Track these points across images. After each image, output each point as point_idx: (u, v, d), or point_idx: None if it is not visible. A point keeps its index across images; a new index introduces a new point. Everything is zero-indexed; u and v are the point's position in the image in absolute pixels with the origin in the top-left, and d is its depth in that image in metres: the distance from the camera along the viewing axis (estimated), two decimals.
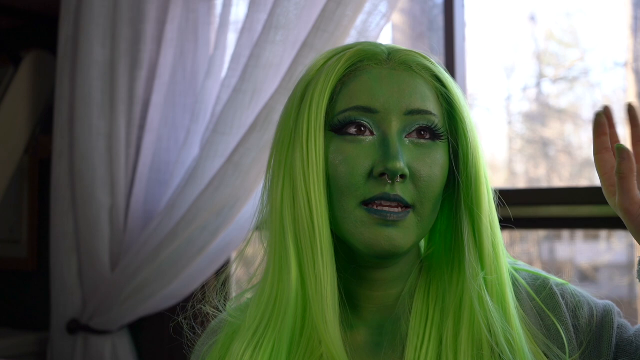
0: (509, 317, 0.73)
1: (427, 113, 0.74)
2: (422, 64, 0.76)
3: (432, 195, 0.73)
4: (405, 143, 0.73)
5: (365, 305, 0.79)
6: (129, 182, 1.71)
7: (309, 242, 0.73)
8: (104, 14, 1.72)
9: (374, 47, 0.77)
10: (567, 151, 2.16)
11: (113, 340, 1.74)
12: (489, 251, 0.74)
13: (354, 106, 0.73)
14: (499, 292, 0.74)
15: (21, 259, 2.13)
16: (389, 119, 0.73)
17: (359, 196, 0.72)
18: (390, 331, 0.78)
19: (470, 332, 0.73)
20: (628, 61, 1.79)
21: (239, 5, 1.70)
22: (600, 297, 0.84)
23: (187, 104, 1.75)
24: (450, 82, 0.77)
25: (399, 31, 1.97)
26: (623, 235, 2.26)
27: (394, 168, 0.70)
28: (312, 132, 0.73)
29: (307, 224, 0.73)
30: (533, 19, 2.05)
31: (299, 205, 0.73)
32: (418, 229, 0.73)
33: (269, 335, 0.75)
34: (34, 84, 2.06)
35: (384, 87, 0.74)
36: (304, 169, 0.73)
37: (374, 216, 0.71)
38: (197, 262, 1.59)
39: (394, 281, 0.78)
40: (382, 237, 0.71)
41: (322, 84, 0.75)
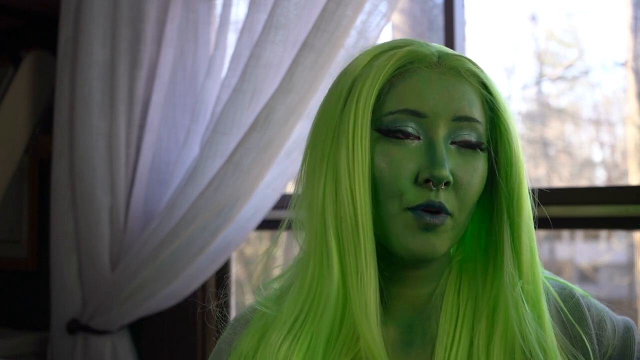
0: (544, 325, 0.74)
1: (473, 120, 0.74)
2: (470, 70, 0.76)
3: (470, 204, 0.74)
4: (450, 149, 0.73)
5: (395, 303, 0.79)
6: (129, 182, 1.71)
7: (352, 241, 0.73)
8: (104, 14, 1.72)
9: (424, 48, 0.76)
10: (567, 151, 2.16)
11: (113, 340, 1.74)
12: (527, 260, 0.75)
13: (402, 108, 0.73)
14: (534, 300, 0.75)
15: (21, 259, 2.13)
16: (436, 124, 0.73)
17: (404, 202, 0.72)
18: (420, 330, 0.78)
19: (503, 337, 0.73)
20: (628, 61, 1.79)
21: (239, 5, 1.70)
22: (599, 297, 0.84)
23: (187, 104, 1.75)
24: (497, 90, 0.77)
25: (399, 31, 1.97)
26: (623, 235, 2.26)
27: (440, 175, 0.70)
28: (358, 130, 0.73)
29: (351, 223, 0.73)
30: (533, 19, 2.04)
31: (342, 203, 0.73)
32: (453, 234, 0.73)
33: (306, 329, 0.75)
34: (34, 84, 2.06)
35: (434, 91, 0.73)
36: (349, 167, 0.73)
37: (418, 222, 0.71)
38: (197, 262, 1.59)
39: (426, 280, 0.79)
40: (425, 243, 0.72)
41: (371, 81, 0.74)
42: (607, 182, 2.17)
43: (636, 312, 2.01)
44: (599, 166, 2.25)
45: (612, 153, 2.14)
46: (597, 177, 2.21)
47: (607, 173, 2.20)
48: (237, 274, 2.03)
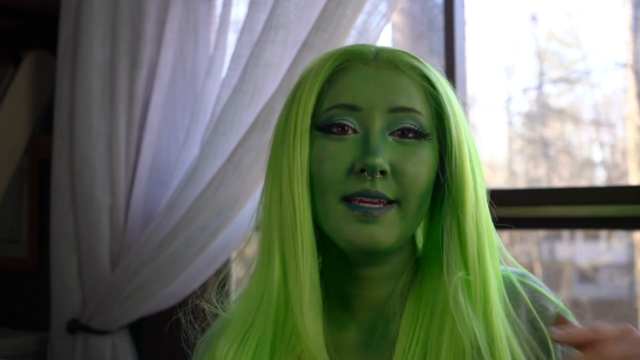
0: (490, 320, 0.72)
1: (411, 110, 0.74)
2: (409, 63, 0.76)
3: (417, 192, 0.73)
4: (388, 140, 0.73)
5: (357, 305, 0.79)
6: (129, 182, 1.71)
7: (292, 239, 0.74)
8: (104, 14, 1.72)
9: (362, 47, 0.78)
10: (567, 151, 2.16)
11: (113, 340, 1.74)
12: (473, 253, 0.73)
13: (338, 104, 0.74)
14: (482, 294, 0.73)
15: (21, 259, 2.13)
16: (372, 116, 0.73)
17: (340, 192, 0.72)
18: (381, 332, 0.78)
19: (452, 335, 0.72)
20: (628, 61, 1.79)
21: (239, 5, 1.70)
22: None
23: (187, 104, 1.76)
24: (438, 81, 0.77)
25: (399, 31, 1.97)
26: (623, 235, 2.26)
27: (373, 163, 0.70)
28: (298, 131, 0.75)
29: (291, 221, 0.74)
30: (534, 19, 2.05)
31: (284, 203, 0.75)
32: (402, 225, 0.73)
33: (254, 332, 0.77)
34: (34, 84, 2.06)
35: (368, 85, 0.74)
36: (289, 167, 0.74)
37: (354, 212, 0.71)
38: (197, 262, 1.59)
39: (385, 280, 0.78)
40: (363, 234, 0.71)
41: (310, 84, 0.76)
42: (607, 182, 2.17)
43: (636, 312, 2.01)
44: (599, 166, 2.25)
45: (612, 153, 2.14)
46: (597, 177, 2.21)
47: (607, 173, 2.20)
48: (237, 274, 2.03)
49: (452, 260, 0.74)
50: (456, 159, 0.74)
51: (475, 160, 0.77)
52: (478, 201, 0.75)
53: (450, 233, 0.75)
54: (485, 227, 0.75)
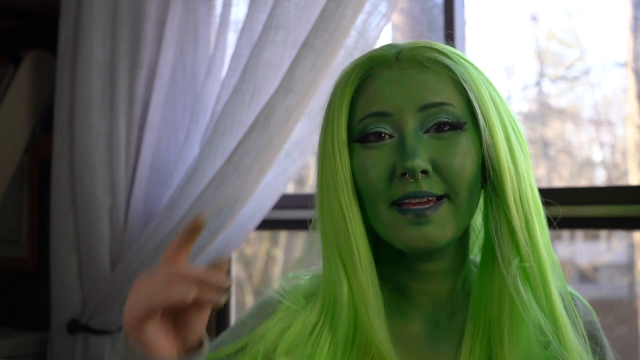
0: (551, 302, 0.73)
1: (441, 104, 0.74)
2: (432, 58, 0.76)
3: (465, 183, 0.73)
4: (424, 139, 0.74)
5: (419, 298, 0.80)
6: (129, 182, 1.71)
7: (347, 248, 0.76)
8: (104, 14, 1.72)
9: (383, 50, 0.79)
10: (567, 151, 2.16)
11: (113, 340, 1.74)
12: (523, 238, 0.73)
13: (368, 113, 0.75)
14: (540, 278, 0.73)
15: (21, 259, 2.13)
16: (403, 119, 0.74)
17: (387, 198, 0.73)
18: (445, 324, 0.79)
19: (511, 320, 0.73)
20: (628, 61, 1.79)
21: (239, 5, 1.70)
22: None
23: (187, 104, 1.75)
24: (467, 69, 0.76)
25: (399, 31, 1.97)
26: (623, 235, 2.26)
27: (412, 166, 0.71)
28: (336, 147, 0.77)
29: (344, 232, 0.76)
30: (534, 19, 2.04)
31: (334, 216, 0.77)
32: (455, 219, 0.73)
33: (324, 335, 0.78)
34: (34, 84, 2.06)
35: (394, 88, 0.75)
36: (334, 180, 0.76)
37: (406, 216, 0.72)
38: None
39: (445, 274, 0.79)
40: (418, 236, 0.72)
41: (339, 98, 0.78)
42: (607, 182, 2.17)
43: (636, 312, 2.01)
44: (599, 166, 2.25)
45: (612, 153, 2.14)
46: (597, 177, 2.21)
47: (607, 173, 2.20)
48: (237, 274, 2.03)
49: (505, 248, 0.74)
50: (488, 145, 0.74)
51: (515, 143, 0.76)
52: (520, 184, 0.74)
53: (498, 221, 0.75)
54: (534, 209, 0.75)
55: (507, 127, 0.76)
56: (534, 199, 0.76)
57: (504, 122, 0.76)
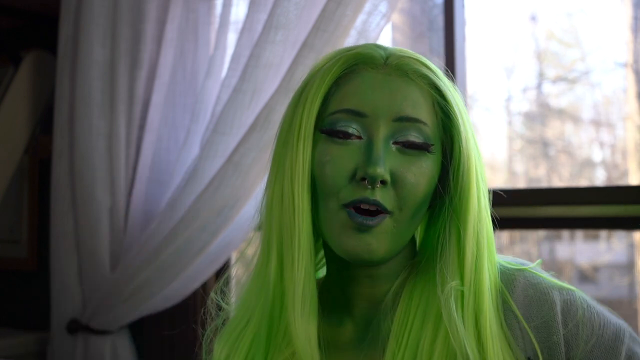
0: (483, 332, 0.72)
1: (417, 121, 0.73)
2: (418, 72, 0.75)
3: (413, 203, 0.73)
4: (391, 149, 0.73)
5: (355, 302, 0.80)
6: (129, 182, 1.71)
7: (289, 238, 0.75)
8: (104, 14, 1.72)
9: (372, 50, 0.77)
10: (567, 151, 2.16)
11: (113, 340, 1.74)
12: (470, 265, 0.73)
13: (343, 108, 0.74)
14: (474, 306, 0.73)
15: (21, 259, 2.13)
16: (377, 124, 0.73)
17: (341, 198, 0.73)
18: (376, 327, 0.78)
19: (445, 342, 0.72)
20: (628, 61, 1.79)
21: (239, 5, 1.70)
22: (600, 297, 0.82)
23: (187, 104, 1.75)
24: (448, 91, 0.76)
25: (399, 31, 1.97)
26: (623, 235, 2.26)
27: (374, 173, 0.70)
28: (302, 132, 0.75)
29: (289, 221, 0.75)
30: (533, 19, 2.05)
31: (284, 204, 0.75)
32: (394, 235, 0.73)
33: (249, 330, 0.78)
34: (34, 84, 2.06)
35: (376, 92, 0.74)
36: (292, 168, 0.75)
37: (353, 221, 0.71)
38: (197, 262, 1.59)
39: (383, 279, 0.79)
40: (360, 243, 0.72)
41: (317, 85, 0.76)
42: (607, 182, 2.17)
43: (636, 312, 2.01)
44: (599, 166, 2.25)
45: (612, 153, 2.14)
46: (597, 177, 2.21)
47: (607, 173, 2.20)
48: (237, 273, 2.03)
49: (448, 269, 0.74)
50: (463, 173, 0.74)
51: (480, 171, 0.76)
52: (480, 212, 0.75)
53: (449, 242, 0.74)
54: (486, 238, 0.75)
55: (477, 157, 0.76)
56: (488, 227, 0.76)
57: (476, 149, 0.76)
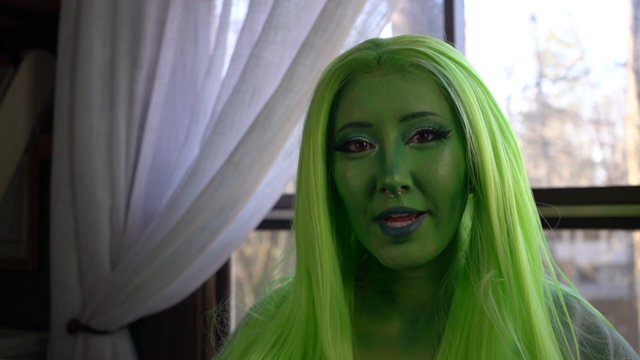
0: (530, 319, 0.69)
1: (423, 114, 0.71)
2: (415, 63, 0.72)
3: (447, 197, 0.70)
4: (405, 151, 0.71)
5: (401, 301, 0.79)
6: (129, 182, 1.71)
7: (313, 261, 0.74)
8: (104, 14, 1.72)
9: (363, 53, 0.74)
10: (567, 151, 2.16)
11: (113, 340, 1.74)
12: (503, 250, 0.69)
13: (348, 123, 0.73)
14: (518, 293, 0.69)
15: (21, 259, 2.13)
16: (384, 130, 0.71)
17: (369, 213, 0.71)
18: (424, 326, 0.78)
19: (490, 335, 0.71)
20: (628, 61, 1.79)
21: (239, 5, 1.70)
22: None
23: (187, 104, 1.75)
24: (450, 73, 0.72)
25: (399, 31, 1.97)
26: (623, 235, 2.26)
27: (392, 182, 0.68)
28: (311, 155, 0.74)
29: (311, 242, 0.74)
30: (533, 19, 2.04)
31: (306, 224, 0.75)
32: (437, 234, 0.71)
33: (285, 349, 0.77)
34: (34, 84, 2.06)
35: (374, 98, 0.72)
36: (308, 191, 0.74)
37: (388, 233, 0.70)
38: (197, 262, 1.59)
39: (430, 279, 0.77)
40: (398, 254, 0.70)
41: (317, 106, 0.75)
42: (607, 182, 2.17)
43: (636, 312, 2.01)
44: (599, 166, 2.24)
45: (612, 153, 2.14)
46: (597, 177, 2.21)
47: (607, 173, 2.20)
48: (237, 273, 2.03)
49: (483, 260, 0.71)
50: (474, 153, 0.71)
51: (503, 148, 0.72)
52: (505, 193, 0.71)
53: (481, 230, 0.72)
54: (518, 220, 0.71)
55: (495, 132, 0.72)
56: (521, 208, 0.72)
57: (492, 126, 0.72)
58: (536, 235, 0.74)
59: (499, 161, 0.71)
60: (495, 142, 0.72)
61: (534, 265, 0.72)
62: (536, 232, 0.74)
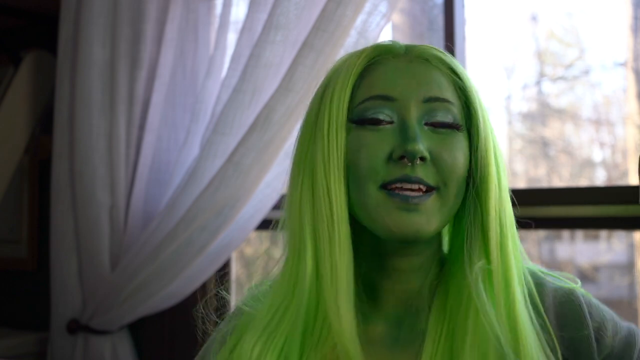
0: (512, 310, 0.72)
1: (445, 101, 0.75)
2: (438, 57, 0.78)
3: (456, 178, 0.73)
4: (424, 129, 0.74)
5: (385, 298, 0.79)
6: (129, 182, 1.71)
7: (327, 232, 0.74)
8: (104, 14, 1.72)
9: (392, 43, 0.80)
10: (567, 151, 2.16)
11: (113, 340, 1.74)
12: (495, 244, 0.73)
13: (372, 95, 0.75)
14: (503, 284, 0.73)
15: (21, 259, 2.13)
16: (407, 106, 0.74)
17: (379, 179, 0.72)
18: (408, 325, 0.78)
19: (475, 326, 0.72)
20: (628, 61, 1.79)
21: (239, 5, 1.70)
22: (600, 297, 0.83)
23: (187, 104, 1.75)
24: (466, 75, 0.79)
25: (399, 31, 1.97)
26: (623, 235, 2.26)
27: (413, 149, 0.71)
28: (332, 124, 0.75)
29: (326, 214, 0.74)
30: (534, 19, 2.04)
31: (318, 197, 0.75)
32: (441, 212, 0.73)
33: (282, 328, 0.76)
34: (34, 84, 2.06)
35: (401, 77, 0.75)
36: (324, 160, 0.75)
37: (394, 199, 0.71)
38: (197, 262, 1.59)
39: (416, 272, 0.78)
40: (405, 222, 0.71)
41: (343, 79, 0.77)
42: (607, 182, 2.17)
43: (636, 312, 2.01)
44: (599, 166, 2.25)
45: (612, 153, 2.14)
46: (597, 177, 2.21)
47: (607, 173, 2.20)
48: (237, 274, 2.03)
49: (475, 250, 0.74)
50: (482, 151, 0.75)
51: (499, 154, 0.78)
52: (501, 193, 0.76)
53: (474, 223, 0.75)
54: (508, 219, 0.76)
55: (495, 135, 0.78)
56: (509, 210, 0.77)
57: (493, 133, 0.78)
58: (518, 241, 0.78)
59: (498, 165, 0.77)
60: (496, 145, 0.78)
61: (517, 258, 0.76)
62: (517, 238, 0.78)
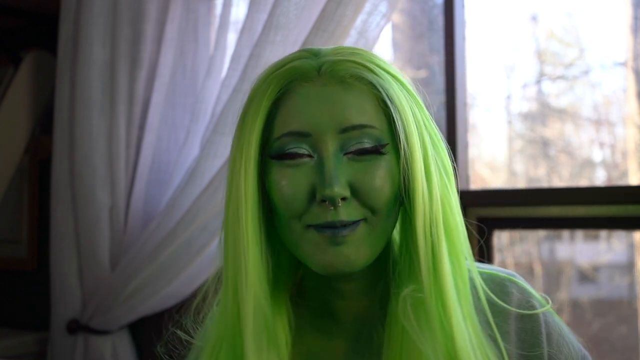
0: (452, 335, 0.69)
1: (362, 127, 0.71)
2: (355, 74, 0.72)
3: (383, 205, 0.70)
4: (343, 161, 0.70)
5: (341, 314, 0.79)
6: (129, 182, 1.71)
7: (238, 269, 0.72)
8: (104, 14, 1.72)
9: (303, 62, 0.73)
10: (567, 151, 2.16)
11: (113, 340, 1.75)
12: (426, 265, 0.70)
13: (286, 132, 0.71)
14: (439, 309, 0.70)
15: (21, 259, 2.13)
16: (323, 140, 0.70)
17: (305, 221, 0.71)
18: (367, 341, 0.78)
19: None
20: (628, 61, 1.79)
21: (239, 5, 1.70)
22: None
23: (187, 104, 1.76)
24: (389, 87, 0.72)
25: (399, 31, 1.97)
26: (623, 235, 2.26)
27: (332, 194, 0.68)
28: (243, 162, 0.72)
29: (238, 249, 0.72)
30: (534, 19, 2.05)
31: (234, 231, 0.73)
32: (371, 239, 0.71)
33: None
34: (34, 84, 2.06)
35: (314, 107, 0.71)
36: (237, 199, 0.72)
37: (324, 234, 0.70)
38: (197, 262, 1.59)
39: (363, 291, 0.77)
40: (335, 257, 0.70)
41: (254, 111, 0.73)
42: (607, 182, 2.17)
43: (636, 312, 2.01)
44: (599, 166, 2.25)
45: (612, 153, 2.14)
46: (597, 177, 2.21)
47: (607, 173, 2.20)
48: None
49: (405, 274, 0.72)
50: (405, 169, 0.71)
51: (434, 164, 0.73)
52: (432, 208, 0.71)
53: (407, 243, 0.73)
54: (444, 236, 0.71)
55: (427, 147, 0.73)
56: (450, 223, 0.73)
57: (425, 142, 0.73)
58: (465, 249, 0.74)
59: (429, 177, 0.72)
60: (427, 158, 0.72)
61: (461, 281, 0.72)
62: (465, 247, 0.74)
